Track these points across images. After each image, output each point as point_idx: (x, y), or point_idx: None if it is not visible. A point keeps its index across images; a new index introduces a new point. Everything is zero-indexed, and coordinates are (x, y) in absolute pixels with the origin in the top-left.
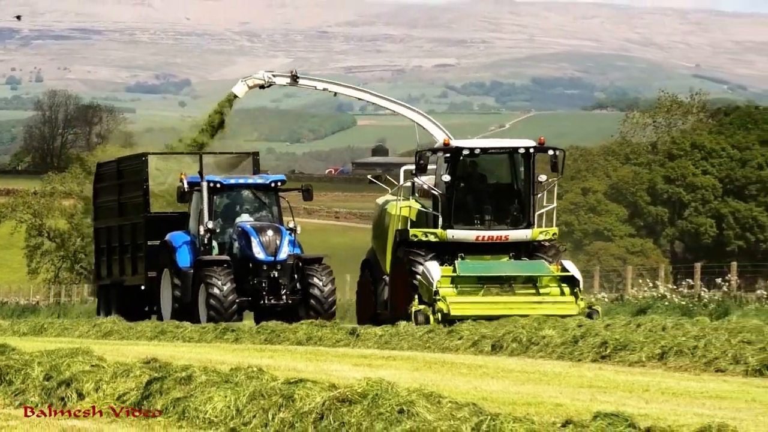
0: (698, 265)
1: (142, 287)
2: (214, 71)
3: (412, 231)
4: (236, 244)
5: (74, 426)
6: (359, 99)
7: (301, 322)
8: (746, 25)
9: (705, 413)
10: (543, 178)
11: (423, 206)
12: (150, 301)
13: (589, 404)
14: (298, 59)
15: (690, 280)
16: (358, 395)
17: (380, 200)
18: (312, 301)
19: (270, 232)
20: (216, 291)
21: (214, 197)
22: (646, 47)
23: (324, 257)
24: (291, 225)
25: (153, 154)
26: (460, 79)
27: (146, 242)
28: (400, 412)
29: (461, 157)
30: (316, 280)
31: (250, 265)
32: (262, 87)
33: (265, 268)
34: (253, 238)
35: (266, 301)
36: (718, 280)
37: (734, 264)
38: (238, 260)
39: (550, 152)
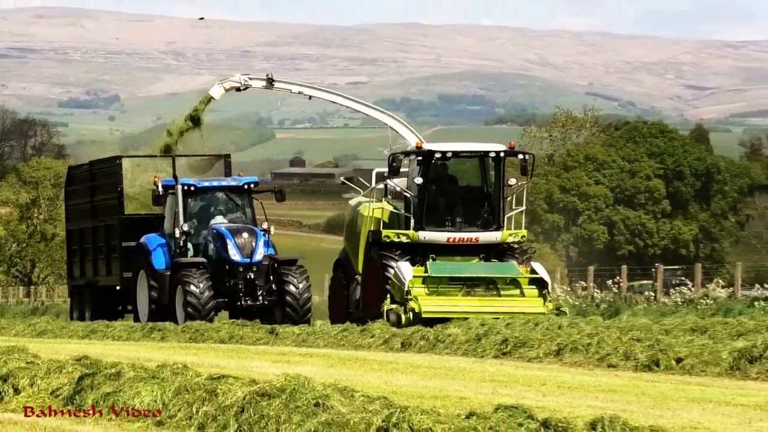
0: (591, 269)
1: (117, 288)
2: (141, 87)
3: (384, 232)
4: (211, 246)
5: (9, 419)
6: (333, 102)
7: (224, 322)
8: (636, 46)
9: (598, 405)
10: (513, 181)
11: (395, 208)
12: (125, 301)
13: (491, 397)
14: (221, 76)
15: (584, 282)
16: (276, 390)
17: (352, 202)
18: (288, 299)
19: (245, 234)
20: (193, 291)
21: (189, 200)
22: (543, 67)
23: (299, 259)
24: (264, 226)
25: (127, 156)
26: (372, 96)
27: (121, 243)
28: (316, 405)
29: (433, 160)
30: (291, 281)
31: (227, 266)
32: (238, 90)
33: (241, 270)
34: (228, 240)
35: (243, 302)
36: (609, 282)
37: (624, 267)
38: (213, 262)
39: (520, 156)
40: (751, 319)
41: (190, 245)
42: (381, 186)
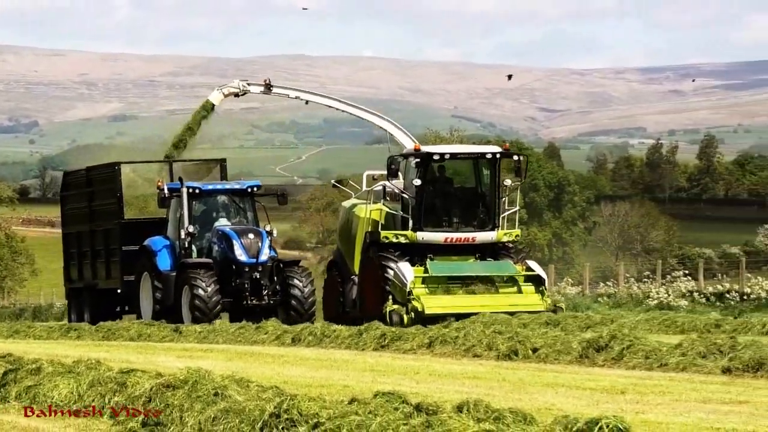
0: None
1: (119, 290)
2: (58, 114)
3: (383, 233)
4: (216, 247)
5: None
6: (329, 107)
7: (133, 321)
8: (494, 74)
9: (464, 390)
10: (508, 182)
11: (393, 209)
12: (125, 303)
13: (371, 385)
14: (129, 103)
15: None
16: (180, 381)
17: (346, 204)
18: (292, 301)
19: (251, 235)
20: (201, 293)
21: (193, 202)
22: (414, 93)
23: (301, 260)
24: (267, 228)
25: (125, 163)
26: (264, 119)
27: (121, 247)
28: (215, 394)
29: (431, 162)
30: (296, 281)
31: (233, 267)
32: (236, 95)
33: (247, 270)
34: (234, 241)
35: (248, 302)
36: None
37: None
38: (218, 263)
39: (515, 157)
40: (597, 313)
41: (193, 247)
42: (378, 188)
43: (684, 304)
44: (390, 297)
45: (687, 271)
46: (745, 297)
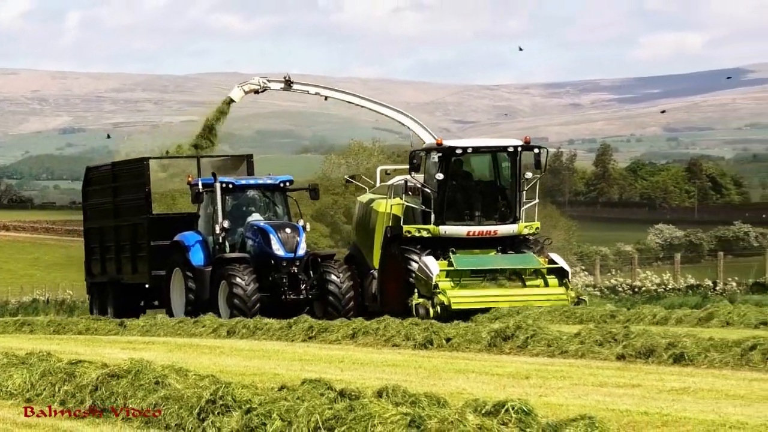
0: None
1: (146, 285)
2: (13, 127)
3: (405, 227)
4: (250, 242)
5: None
6: (349, 102)
7: (80, 317)
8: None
9: (384, 377)
10: (529, 175)
11: (415, 204)
12: (151, 298)
13: (299, 373)
14: (77, 117)
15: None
16: (124, 371)
17: (363, 198)
18: (330, 297)
19: (288, 230)
20: (239, 289)
21: (226, 197)
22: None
23: (336, 254)
24: (301, 223)
25: (153, 158)
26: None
27: (149, 242)
28: (156, 383)
29: (453, 156)
30: (333, 276)
31: (272, 261)
32: (257, 92)
33: (284, 265)
34: (272, 236)
35: (287, 297)
36: None
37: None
38: (254, 258)
39: (535, 150)
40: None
41: (226, 242)
42: (400, 182)
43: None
44: (416, 290)
45: (584, 267)
46: (636, 290)
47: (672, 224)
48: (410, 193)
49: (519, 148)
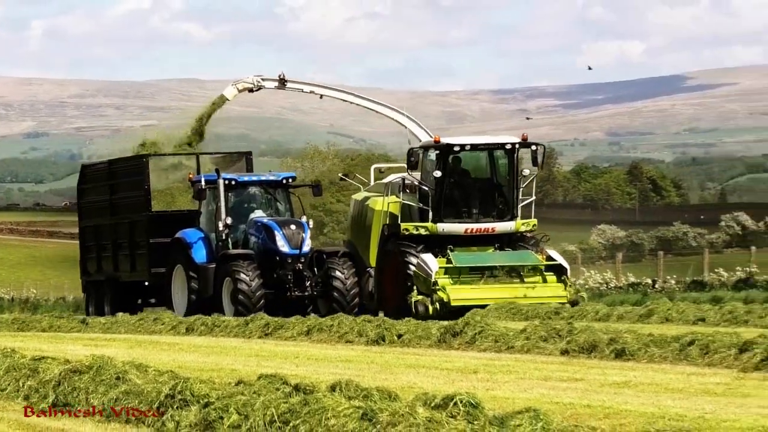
0: None
1: (146, 283)
2: None
3: (403, 225)
4: (253, 239)
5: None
6: (344, 100)
7: (43, 314)
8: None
9: (338, 372)
10: (527, 171)
11: (412, 201)
12: (149, 295)
13: (255, 368)
14: (41, 122)
15: None
16: (86, 367)
17: (357, 197)
18: (335, 293)
19: (293, 226)
20: (244, 285)
21: (228, 194)
22: (294, 112)
23: (342, 250)
24: (303, 219)
25: (153, 156)
26: (161, 135)
27: (148, 240)
28: (117, 378)
29: (451, 154)
30: (338, 272)
31: (277, 258)
32: (251, 90)
33: (290, 261)
34: (276, 232)
35: (292, 294)
36: None
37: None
38: (258, 255)
39: (532, 147)
40: None
41: (228, 239)
42: (397, 180)
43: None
44: (415, 288)
45: None
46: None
47: (614, 225)
48: (408, 190)
49: (516, 145)
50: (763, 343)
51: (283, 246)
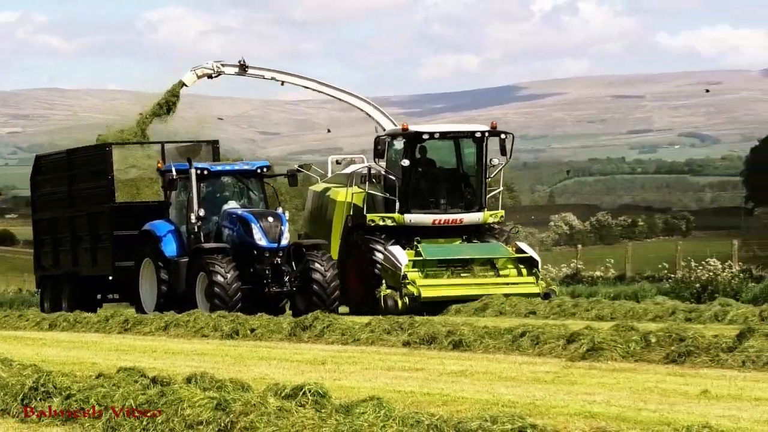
0: None
1: (110, 278)
2: None
3: (369, 216)
4: (228, 232)
5: None
6: (306, 87)
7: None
8: (221, 105)
9: (194, 365)
10: (496, 161)
11: (377, 191)
12: (109, 290)
13: (115, 362)
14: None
15: None
16: None
17: (317, 188)
18: (314, 286)
19: (270, 219)
20: (220, 279)
21: (201, 184)
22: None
23: (322, 244)
24: (279, 211)
25: (116, 144)
26: (26, 141)
27: (112, 232)
28: None
29: (419, 142)
30: (317, 265)
31: (254, 252)
32: (210, 77)
33: (267, 255)
34: (253, 225)
35: (270, 289)
36: None
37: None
38: (233, 248)
39: (502, 135)
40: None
41: (200, 232)
42: (363, 170)
43: None
44: (384, 282)
45: None
46: None
47: None
48: (375, 180)
49: (486, 134)
50: (588, 334)
51: (260, 239)
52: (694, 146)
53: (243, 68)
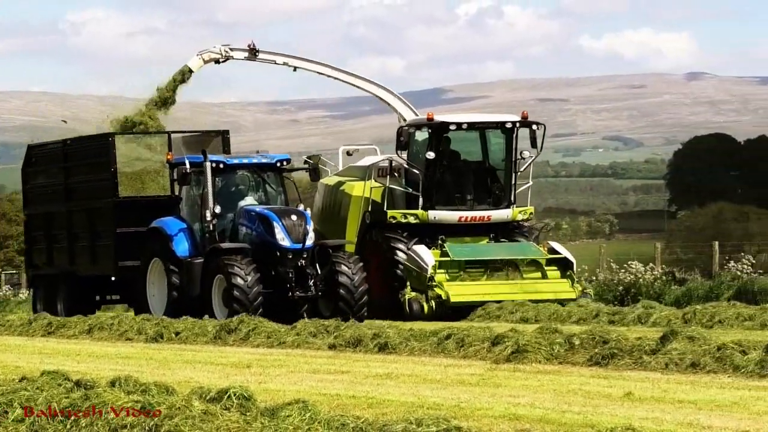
0: None
1: (113, 278)
2: None
3: (390, 212)
4: (245, 230)
5: None
6: (320, 73)
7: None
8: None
9: (118, 368)
10: (526, 154)
11: (401, 186)
12: (108, 291)
13: (39, 365)
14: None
15: None
16: None
17: (329, 181)
18: (341, 290)
19: (294, 217)
20: (239, 281)
21: (216, 179)
22: (75, 121)
23: (345, 244)
24: (300, 208)
25: (120, 134)
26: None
27: (115, 229)
28: None
29: (446, 133)
30: (344, 267)
31: (277, 253)
32: (217, 62)
33: (290, 257)
34: (275, 224)
35: (294, 294)
36: None
37: None
38: (252, 249)
39: (533, 126)
40: None
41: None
42: (384, 163)
43: None
44: (408, 284)
45: None
46: None
47: None
48: (396, 174)
49: (517, 124)
50: (513, 336)
51: (283, 239)
52: (618, 150)
53: (253, 52)
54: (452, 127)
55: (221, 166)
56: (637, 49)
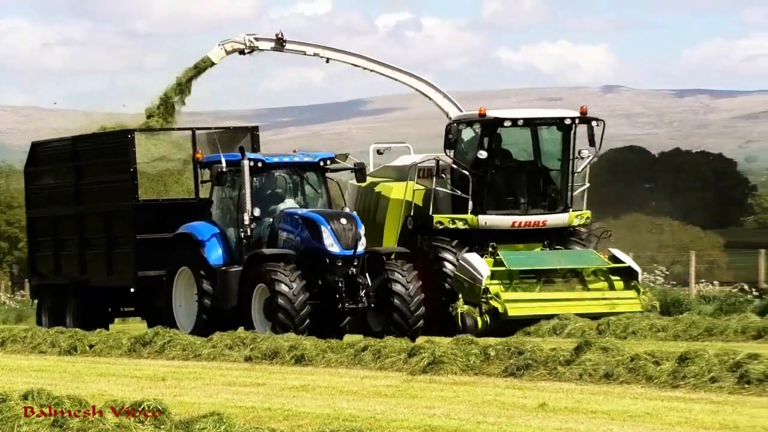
0: None
1: (132, 290)
2: None
3: (436, 217)
4: (286, 235)
5: None
6: (354, 65)
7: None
8: (63, 117)
9: (31, 382)
10: (585, 153)
11: (446, 188)
12: (121, 304)
13: None
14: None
15: None
16: None
17: (361, 182)
18: (396, 301)
19: (343, 221)
20: (284, 289)
21: (253, 179)
22: None
23: (400, 250)
24: (347, 210)
25: (140, 130)
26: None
27: (134, 235)
28: None
29: (499, 130)
30: (399, 279)
31: (325, 261)
32: (242, 52)
33: (340, 265)
34: (323, 228)
35: (344, 306)
36: None
37: None
38: (296, 256)
39: (593, 123)
40: None
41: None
42: (430, 163)
43: None
44: (460, 296)
45: None
46: None
47: None
48: (443, 175)
49: (575, 121)
50: (429, 348)
51: (331, 245)
52: None
53: (280, 43)
54: (507, 124)
55: (260, 164)
56: (554, 62)
